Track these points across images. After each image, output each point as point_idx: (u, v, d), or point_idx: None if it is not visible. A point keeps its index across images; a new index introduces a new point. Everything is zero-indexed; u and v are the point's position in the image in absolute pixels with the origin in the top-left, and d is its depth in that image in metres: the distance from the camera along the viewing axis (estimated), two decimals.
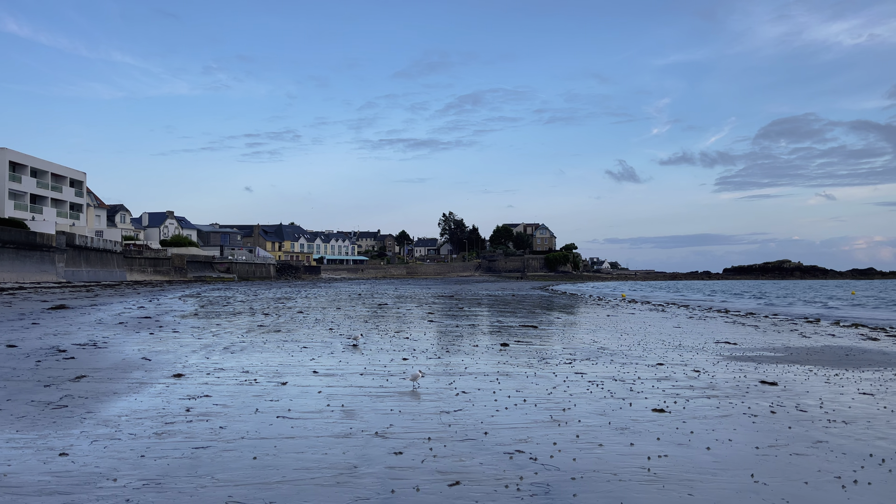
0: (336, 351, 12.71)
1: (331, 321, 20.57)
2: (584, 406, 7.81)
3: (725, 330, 21.16)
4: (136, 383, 8.50)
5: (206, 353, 11.90)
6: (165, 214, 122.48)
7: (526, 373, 10.40)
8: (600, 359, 12.54)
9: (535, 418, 7.07)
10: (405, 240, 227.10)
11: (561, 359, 12.32)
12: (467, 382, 9.31)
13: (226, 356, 11.45)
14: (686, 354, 13.72)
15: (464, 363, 11.31)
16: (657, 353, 13.67)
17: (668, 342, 16.36)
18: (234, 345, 13.33)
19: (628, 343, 15.80)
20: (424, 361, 11.48)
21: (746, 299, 52.62)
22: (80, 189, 79.50)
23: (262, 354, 11.88)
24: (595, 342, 15.92)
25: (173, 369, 9.78)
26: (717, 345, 16.11)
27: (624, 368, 11.22)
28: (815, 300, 50.61)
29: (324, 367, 10.49)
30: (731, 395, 8.92)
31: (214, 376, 9.20)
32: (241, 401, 7.48)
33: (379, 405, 7.51)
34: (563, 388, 9.05)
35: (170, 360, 10.71)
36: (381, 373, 10.00)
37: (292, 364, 10.73)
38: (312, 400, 7.71)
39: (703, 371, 11.14)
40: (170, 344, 13.18)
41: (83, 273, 64.91)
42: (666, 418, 7.27)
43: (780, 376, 10.83)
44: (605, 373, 10.65)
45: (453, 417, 6.96)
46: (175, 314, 22.34)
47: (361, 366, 10.70)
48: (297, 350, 12.65)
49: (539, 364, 11.51)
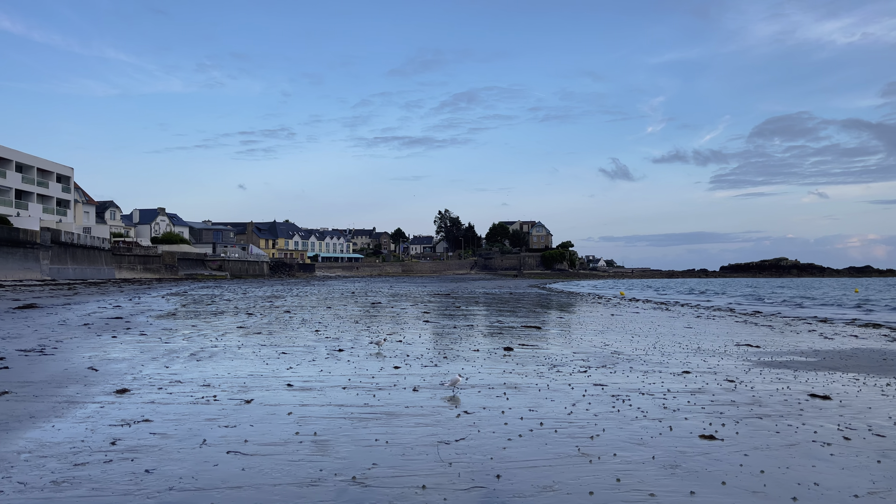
0: (318, 357, 11.18)
1: (318, 322, 19.04)
2: (614, 431, 6.32)
3: (740, 330, 19.73)
4: (66, 402, 6.96)
5: (168, 360, 10.36)
6: (157, 211, 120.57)
7: (537, 384, 8.90)
8: (618, 366, 11.07)
9: (558, 450, 5.58)
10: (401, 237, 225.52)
11: (574, 366, 10.83)
12: (470, 398, 7.82)
13: (189, 365, 9.91)
14: (710, 360, 12.27)
15: (465, 373, 9.81)
16: (678, 359, 12.22)
17: (684, 345, 14.92)
18: (204, 350, 11.79)
19: (643, 346, 14.35)
20: (419, 370, 9.97)
21: (749, 298, 51.26)
22: (67, 185, 77.64)
23: (232, 362, 10.34)
24: (606, 345, 14.47)
25: (120, 382, 8.24)
26: (739, 348, 14.68)
27: (648, 378, 9.75)
28: (820, 299, 49.29)
29: (301, 378, 8.96)
30: (785, 413, 7.45)
31: (166, 392, 7.66)
32: (188, 427, 5.95)
33: (361, 432, 6.00)
34: (583, 405, 7.56)
35: (121, 371, 9.17)
36: (368, 385, 8.49)
37: (265, 375, 9.20)
38: (279, 425, 6.20)
39: (739, 381, 9.68)
40: (130, 349, 11.62)
41: (69, 271, 63.15)
42: (720, 449, 5.79)
43: (828, 387, 9.38)
44: (627, 384, 9.17)
45: (455, 451, 5.46)
46: (150, 314, 20.76)
47: (345, 377, 9.19)
48: (273, 357, 11.12)
49: (550, 373, 10.02)
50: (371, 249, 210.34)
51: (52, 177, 74.28)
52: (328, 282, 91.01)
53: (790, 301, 44.81)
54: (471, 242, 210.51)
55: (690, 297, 53.16)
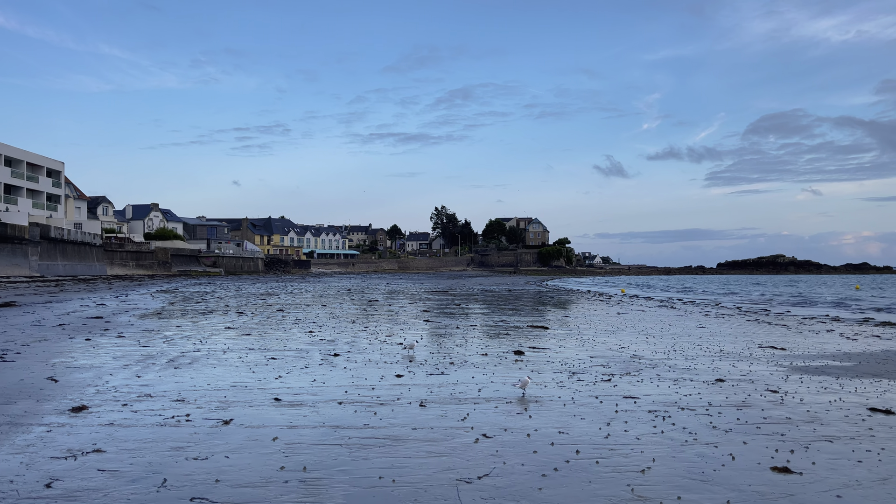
0: (312, 364, 10.06)
1: (312, 322, 17.91)
2: (667, 462, 5.23)
3: (756, 331, 18.69)
4: (7, 425, 5.81)
5: (142, 368, 9.21)
6: (150, 207, 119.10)
7: (560, 397, 7.81)
8: (642, 372, 9.99)
9: (608, 492, 4.48)
10: (397, 234, 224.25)
11: (595, 374, 9.74)
12: (486, 416, 6.71)
13: (165, 374, 8.77)
14: (739, 365, 11.21)
15: (475, 382, 8.71)
16: (704, 364, 11.15)
17: (704, 347, 13.87)
18: (185, 355, 10.64)
19: (661, 349, 13.30)
20: (424, 379, 8.87)
21: (752, 295, 50.29)
22: (57, 179, 76.22)
23: (214, 370, 9.20)
24: (622, 347, 13.41)
25: (80, 397, 7.11)
26: (763, 350, 13.64)
27: (681, 388, 8.67)
28: (825, 296, 48.35)
29: (291, 390, 7.84)
30: (854, 434, 6.37)
31: (131, 409, 6.53)
32: (147, 461, 4.82)
33: (361, 466, 4.89)
34: (619, 424, 6.47)
35: (84, 382, 8.02)
36: (368, 399, 7.37)
37: (250, 386, 8.08)
38: (261, 456, 5.08)
39: (783, 391, 8.61)
40: (101, 355, 10.46)
41: (59, 267, 61.81)
42: (804, 488, 4.70)
43: (885, 399, 8.33)
44: (660, 396, 8.09)
45: (479, 493, 4.36)
46: (134, 313, 19.59)
47: (341, 388, 8.07)
48: (261, 363, 9.99)
49: (571, 382, 8.93)
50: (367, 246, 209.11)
51: (42, 171, 72.83)
52: (324, 278, 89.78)
53: (795, 299, 43.85)
54: (467, 239, 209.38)
55: (692, 294, 52.18)
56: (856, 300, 41.68)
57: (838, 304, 37.57)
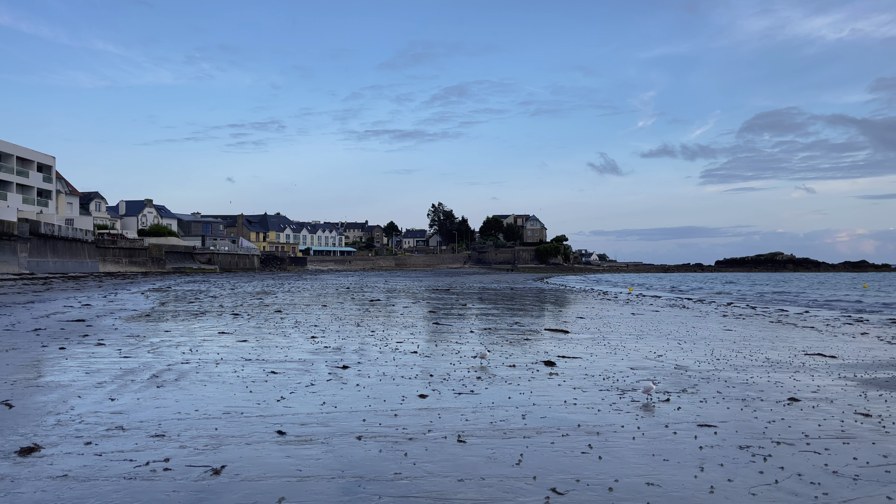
0: (318, 379, 8.67)
1: (314, 325, 16.50)
2: None
3: (789, 335, 17.37)
4: None
5: (119, 386, 7.79)
6: (144, 203, 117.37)
7: (623, 426, 6.44)
8: (699, 389, 8.64)
9: None
10: (393, 231, 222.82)
11: (649, 395, 8.38)
12: (544, 456, 5.33)
13: (145, 394, 7.35)
14: (800, 377, 9.88)
15: (514, 404, 7.32)
16: (761, 377, 9.81)
17: (746, 354, 12.57)
18: (171, 368, 9.22)
19: (701, 357, 12.00)
20: (452, 400, 7.48)
21: (761, 294, 49.05)
22: (48, 174, 74.54)
23: (204, 389, 7.79)
24: (659, 356, 12.08)
25: (35, 431, 5.70)
26: (812, 358, 12.33)
27: (755, 412, 7.32)
28: (837, 295, 47.16)
29: (297, 418, 6.44)
30: None
31: (95, 451, 5.12)
32: None
33: None
34: (715, 470, 5.11)
35: (45, 407, 6.59)
36: (393, 432, 5.98)
37: (247, 411, 6.68)
38: None
39: (876, 415, 7.28)
40: (73, 369, 9.01)
41: (49, 264, 60.20)
42: None
43: None
44: (739, 423, 6.73)
45: None
46: (121, 315, 18.12)
47: (357, 413, 6.68)
48: (260, 379, 8.58)
49: (625, 404, 7.57)
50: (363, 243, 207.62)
51: (32, 166, 71.14)
52: (321, 276, 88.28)
53: (806, 299, 42.61)
54: (464, 236, 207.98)
55: (697, 293, 50.93)
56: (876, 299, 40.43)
57: (855, 303, 36.34)
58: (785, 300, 39.90)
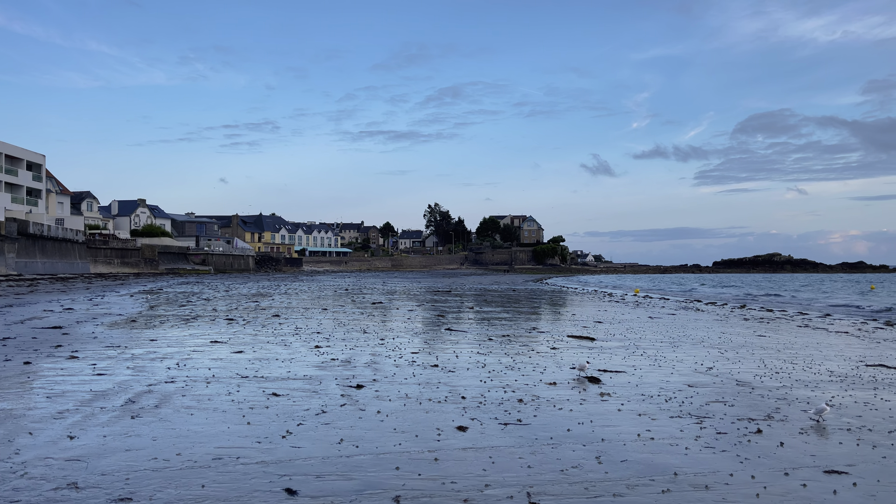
0: (331, 404, 7.18)
1: (316, 332, 15.00)
2: None
3: (831, 342, 15.98)
4: None
5: (83, 417, 6.26)
6: (137, 203, 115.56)
7: (731, 474, 4.98)
8: (784, 414, 7.21)
9: None
10: (389, 231, 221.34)
11: (724, 416, 6.93)
12: None
13: (114, 429, 5.84)
14: (884, 395, 8.48)
15: (580, 443, 5.84)
16: (843, 398, 8.38)
17: (802, 367, 11.16)
18: (152, 390, 7.70)
19: (756, 369, 10.64)
20: (500, 436, 6.01)
21: (770, 295, 47.76)
22: (38, 173, 72.77)
23: (190, 419, 6.29)
24: (708, 368, 10.67)
25: None
26: (878, 370, 10.96)
27: (873, 448, 5.90)
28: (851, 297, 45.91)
29: (310, 465, 4.96)
30: None
31: None
32: None
33: None
34: None
35: None
36: (440, 489, 4.47)
37: (244, 454, 5.19)
38: None
39: None
40: (34, 391, 7.48)
41: (38, 265, 58.44)
42: None
43: None
44: (871, 466, 5.31)
45: None
46: (103, 321, 16.56)
47: (388, 458, 5.20)
48: (259, 404, 7.09)
49: (708, 435, 6.12)
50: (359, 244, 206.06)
51: (21, 164, 69.38)
52: (317, 277, 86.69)
53: (820, 302, 41.31)
54: (461, 237, 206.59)
55: (703, 294, 49.62)
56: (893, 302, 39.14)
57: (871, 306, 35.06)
58: (797, 302, 38.59)
